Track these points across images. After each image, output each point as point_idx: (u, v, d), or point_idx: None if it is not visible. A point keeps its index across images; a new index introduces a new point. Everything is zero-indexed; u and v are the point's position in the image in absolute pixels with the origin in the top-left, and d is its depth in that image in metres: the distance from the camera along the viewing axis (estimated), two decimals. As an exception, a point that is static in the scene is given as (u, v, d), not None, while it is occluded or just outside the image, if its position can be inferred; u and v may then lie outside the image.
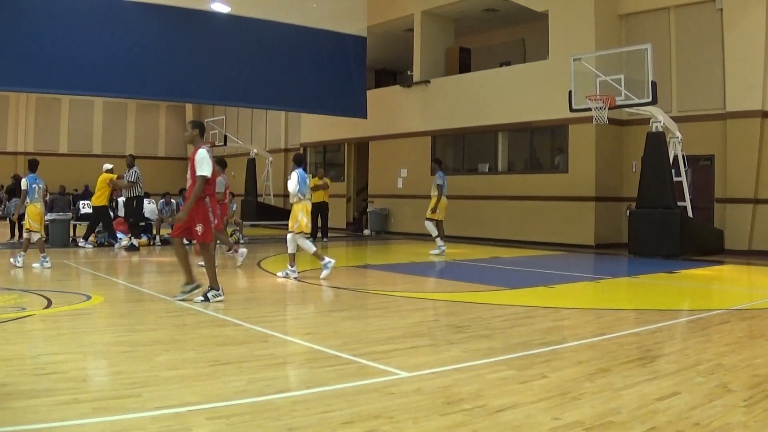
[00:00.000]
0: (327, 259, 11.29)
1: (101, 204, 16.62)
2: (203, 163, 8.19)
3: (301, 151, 29.06)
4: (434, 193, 16.29)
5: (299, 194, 11.30)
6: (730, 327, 7.35)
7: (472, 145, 22.54)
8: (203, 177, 8.17)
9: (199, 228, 8.30)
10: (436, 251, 16.05)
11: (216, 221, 13.02)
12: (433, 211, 16.33)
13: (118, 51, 17.13)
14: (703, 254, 15.86)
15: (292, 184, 11.36)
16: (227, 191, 13.41)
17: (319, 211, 20.35)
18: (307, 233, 11.43)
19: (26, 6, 16.18)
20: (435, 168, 16.82)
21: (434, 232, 16.35)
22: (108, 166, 16.86)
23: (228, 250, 14.24)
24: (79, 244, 16.71)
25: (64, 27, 16.55)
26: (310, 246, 11.47)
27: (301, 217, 11.29)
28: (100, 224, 16.89)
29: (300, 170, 11.53)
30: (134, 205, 16.49)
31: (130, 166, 16.39)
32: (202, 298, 8.30)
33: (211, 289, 8.38)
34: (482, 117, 21.24)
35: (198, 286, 8.58)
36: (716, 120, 17.26)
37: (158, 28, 17.98)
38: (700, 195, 17.53)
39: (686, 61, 17.96)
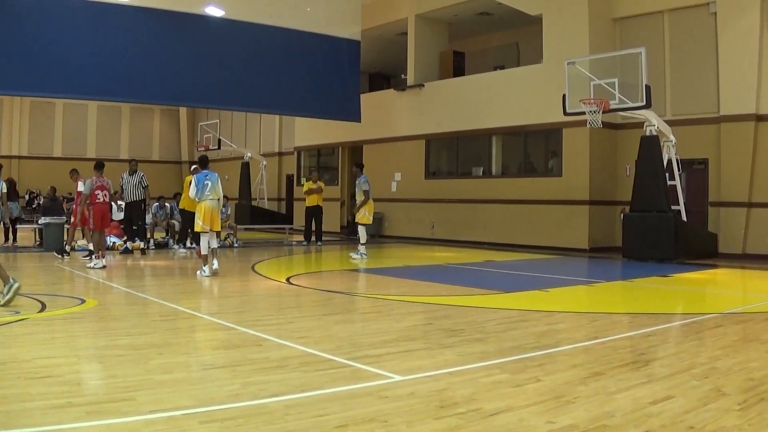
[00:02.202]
0: (214, 265, 11.77)
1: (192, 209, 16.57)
2: None
3: (295, 154, 29.07)
4: (361, 197, 15.98)
5: (196, 197, 12.03)
6: (724, 331, 7.36)
7: (466, 149, 22.56)
8: None
9: None
10: (358, 256, 15.65)
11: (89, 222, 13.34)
12: (359, 215, 16.10)
13: (113, 55, 17.11)
14: (697, 258, 15.88)
15: (191, 191, 12.18)
16: (95, 192, 13.66)
17: (313, 214, 20.35)
18: (203, 232, 11.94)
19: (20, 10, 16.14)
20: (357, 172, 16.45)
21: (363, 239, 16.08)
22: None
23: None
24: (176, 248, 16.89)
25: (58, 31, 16.53)
26: (204, 246, 11.92)
27: (197, 217, 12.00)
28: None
29: (197, 176, 12.18)
30: (142, 209, 16.60)
31: (134, 171, 16.38)
32: None
33: None
34: (476, 121, 21.26)
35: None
36: (710, 123, 17.30)
37: (153, 31, 17.97)
38: (694, 198, 17.57)
39: (680, 64, 18.01)
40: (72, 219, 15.29)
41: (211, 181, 12.00)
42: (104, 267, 12.53)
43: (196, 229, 12.13)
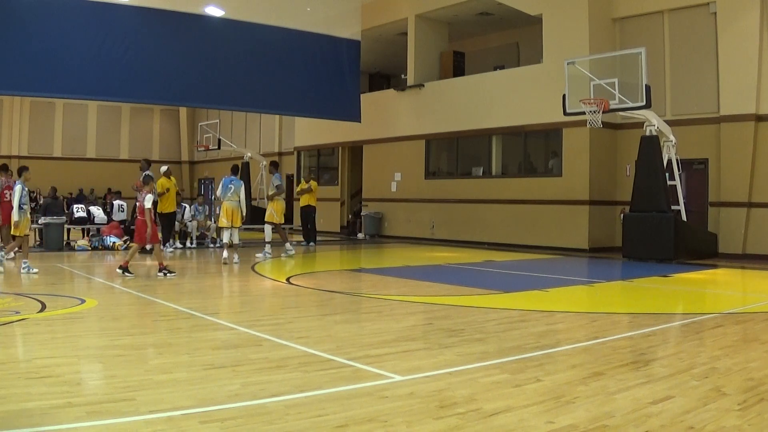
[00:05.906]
0: (234, 259, 13.92)
1: (170, 211, 16.43)
2: None
3: (295, 154, 29.07)
4: (272, 193, 16.30)
5: (220, 197, 14.43)
6: (724, 331, 7.36)
7: (466, 149, 22.56)
8: None
9: None
10: (261, 255, 15.70)
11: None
12: (267, 212, 16.30)
13: (113, 55, 17.10)
14: (697, 258, 15.89)
15: (218, 191, 14.51)
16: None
17: (304, 214, 20.25)
18: (222, 227, 14.51)
19: (20, 10, 16.14)
20: (272, 170, 17.23)
21: (269, 237, 16.19)
22: (164, 168, 16.56)
23: None
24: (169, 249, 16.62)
25: (58, 31, 16.52)
26: (225, 237, 14.43)
27: (221, 215, 14.42)
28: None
29: (225, 178, 14.51)
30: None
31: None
32: None
33: None
34: (476, 121, 21.26)
35: None
36: (710, 123, 17.29)
37: (153, 31, 17.96)
38: (694, 198, 17.57)
39: (680, 64, 18.01)
40: None
41: (234, 186, 14.29)
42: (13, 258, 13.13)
43: (219, 224, 14.57)
